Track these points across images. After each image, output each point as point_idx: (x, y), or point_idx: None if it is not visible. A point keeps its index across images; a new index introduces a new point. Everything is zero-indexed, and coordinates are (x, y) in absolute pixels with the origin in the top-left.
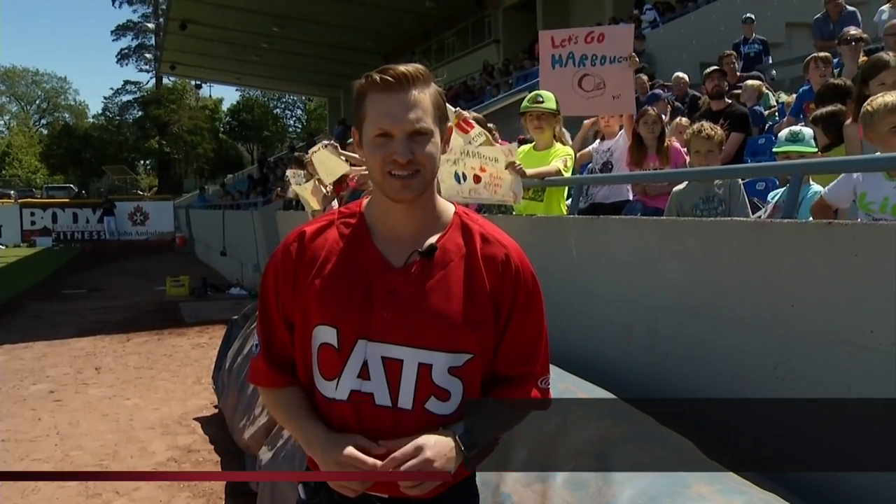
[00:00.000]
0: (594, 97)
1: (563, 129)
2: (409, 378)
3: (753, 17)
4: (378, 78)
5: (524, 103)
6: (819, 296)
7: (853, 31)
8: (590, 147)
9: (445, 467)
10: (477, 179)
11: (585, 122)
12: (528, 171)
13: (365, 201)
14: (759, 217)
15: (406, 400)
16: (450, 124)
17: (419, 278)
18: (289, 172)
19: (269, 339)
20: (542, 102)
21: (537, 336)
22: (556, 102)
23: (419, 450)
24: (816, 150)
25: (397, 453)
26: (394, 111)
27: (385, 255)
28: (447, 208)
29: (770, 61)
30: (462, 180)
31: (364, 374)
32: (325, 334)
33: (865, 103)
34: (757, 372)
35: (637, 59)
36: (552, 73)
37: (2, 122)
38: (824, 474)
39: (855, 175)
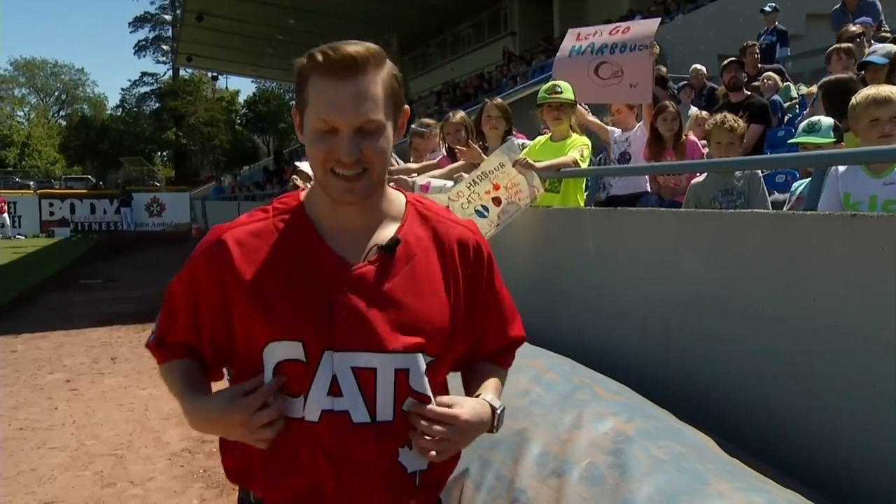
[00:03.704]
0: (611, 85)
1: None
2: (385, 388)
3: (775, 5)
4: (321, 58)
5: (541, 93)
6: (842, 290)
7: (853, 27)
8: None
9: (475, 427)
10: (497, 202)
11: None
12: (543, 163)
13: (303, 193)
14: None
15: (386, 412)
16: (406, 107)
17: (381, 276)
18: (299, 164)
19: (167, 335)
20: (561, 93)
21: (510, 306)
22: (574, 93)
23: (454, 405)
24: (833, 140)
25: (426, 411)
26: (340, 102)
27: (339, 253)
28: (398, 197)
29: (788, 52)
30: (486, 212)
31: (335, 390)
32: (286, 350)
33: (854, 96)
34: (777, 368)
35: (658, 49)
36: (567, 61)
37: (21, 114)
38: (845, 472)
39: (834, 174)
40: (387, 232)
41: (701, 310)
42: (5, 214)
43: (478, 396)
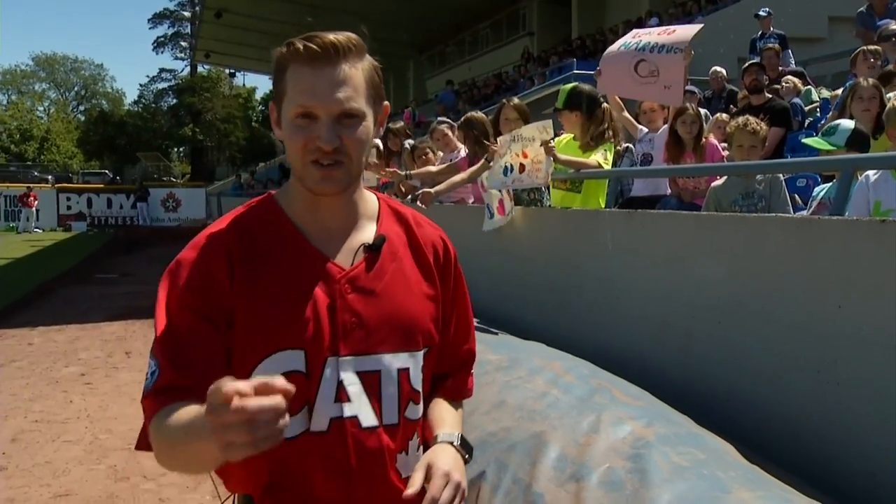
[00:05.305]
0: (647, 83)
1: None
2: (390, 388)
3: (770, 11)
4: (301, 47)
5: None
6: (867, 296)
7: (894, 25)
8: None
9: (464, 484)
10: (522, 168)
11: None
12: (565, 157)
13: (275, 195)
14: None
15: (391, 414)
16: (385, 103)
17: (375, 275)
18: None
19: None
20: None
21: (470, 316)
22: (566, 97)
23: (447, 476)
24: (842, 146)
25: (435, 492)
26: (319, 88)
27: (327, 255)
28: (371, 195)
29: (791, 55)
30: (509, 172)
31: (342, 396)
32: (286, 361)
33: (893, 100)
34: (799, 375)
35: (692, 52)
36: (614, 54)
37: (41, 109)
38: (870, 483)
39: (864, 182)
40: (367, 231)
41: (721, 314)
42: (33, 209)
43: (435, 437)
